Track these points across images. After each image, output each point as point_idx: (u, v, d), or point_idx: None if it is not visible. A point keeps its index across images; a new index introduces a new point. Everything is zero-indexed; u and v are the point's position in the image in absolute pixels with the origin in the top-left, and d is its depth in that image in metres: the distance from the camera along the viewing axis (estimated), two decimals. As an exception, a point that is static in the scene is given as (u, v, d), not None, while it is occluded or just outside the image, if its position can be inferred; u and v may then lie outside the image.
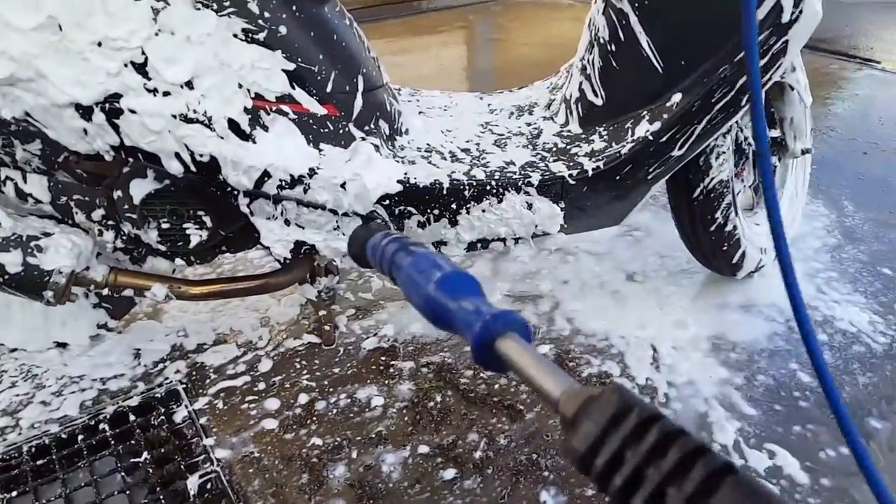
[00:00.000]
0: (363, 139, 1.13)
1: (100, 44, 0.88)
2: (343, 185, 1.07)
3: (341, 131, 1.10)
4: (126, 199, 1.08)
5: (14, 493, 1.08)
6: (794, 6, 1.09)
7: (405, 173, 1.13)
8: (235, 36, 0.97)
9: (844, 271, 1.60)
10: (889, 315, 1.45)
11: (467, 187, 1.15)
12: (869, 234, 1.75)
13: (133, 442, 1.17)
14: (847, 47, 3.18)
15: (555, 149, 1.27)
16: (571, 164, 1.21)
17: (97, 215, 1.12)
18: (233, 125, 0.98)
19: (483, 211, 1.17)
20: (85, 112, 0.91)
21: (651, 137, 1.18)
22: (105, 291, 1.17)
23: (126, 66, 0.90)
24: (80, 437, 1.18)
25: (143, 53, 0.90)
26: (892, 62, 2.99)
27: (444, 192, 1.14)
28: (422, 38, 3.59)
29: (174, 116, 0.93)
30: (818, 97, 2.59)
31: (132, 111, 0.92)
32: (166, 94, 0.93)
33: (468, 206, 1.15)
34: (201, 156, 0.97)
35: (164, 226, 1.11)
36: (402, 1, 4.06)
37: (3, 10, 0.84)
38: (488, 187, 1.16)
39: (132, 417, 1.22)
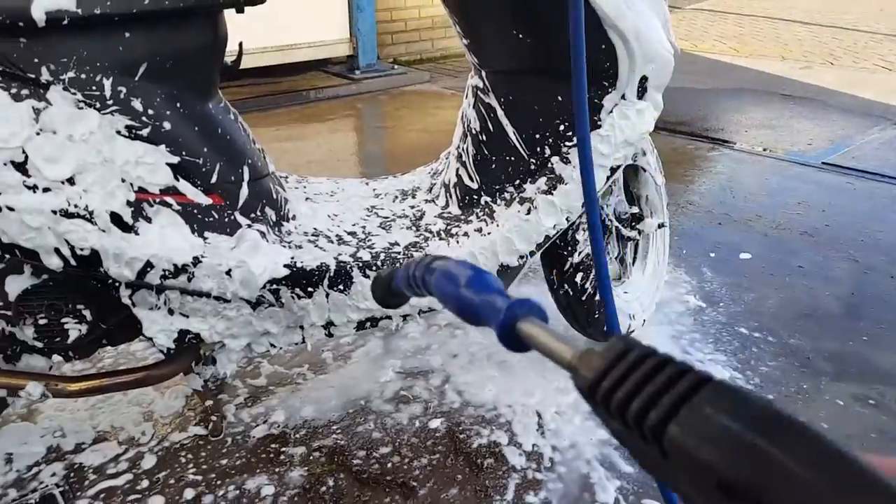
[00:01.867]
0: (249, 226, 1.17)
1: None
2: (228, 272, 1.09)
3: (227, 219, 1.14)
4: (0, 297, 1.05)
5: None
6: None
7: (292, 257, 1.18)
8: (119, 133, 1.00)
9: (706, 332, 1.77)
10: (747, 371, 1.61)
11: (353, 269, 1.21)
12: (726, 296, 1.95)
13: (-3, 557, 1.09)
14: (701, 129, 3.59)
15: (436, 229, 1.36)
16: (452, 242, 1.30)
17: (-35, 313, 1.08)
18: (115, 218, 1.00)
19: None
20: (-43, 212, 0.90)
21: (522, 218, 1.29)
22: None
23: (5, 164, 0.91)
24: (-66, 558, 1.08)
25: (24, 153, 0.92)
26: (740, 141, 3.40)
27: (332, 274, 1.19)
28: (311, 126, 3.71)
29: (54, 212, 0.94)
30: (678, 174, 2.90)
31: (10, 208, 0.92)
32: (46, 190, 0.94)
33: (355, 286, 1.21)
34: (82, 250, 0.97)
35: (42, 322, 1.08)
36: (292, 91, 4.18)
37: None
38: (374, 268, 1.23)
39: (-2, 529, 1.14)
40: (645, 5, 1.24)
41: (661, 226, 1.66)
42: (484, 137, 1.36)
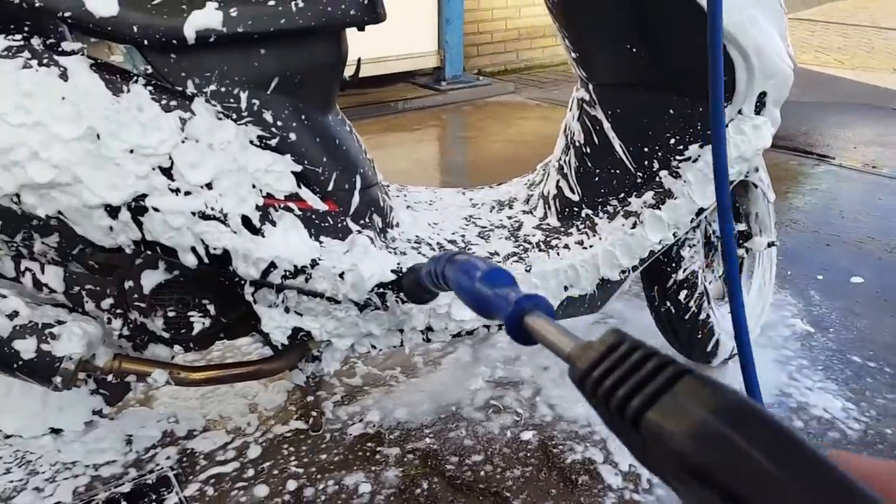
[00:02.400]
0: (359, 232, 1.21)
1: (132, 151, 0.97)
2: (341, 275, 1.14)
3: (340, 225, 1.19)
4: (136, 289, 1.14)
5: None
6: None
7: (398, 263, 1.21)
8: (252, 142, 1.07)
9: (815, 359, 1.68)
10: (862, 402, 1.52)
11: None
12: (836, 322, 1.84)
13: (122, 530, 1.17)
14: (805, 144, 3.42)
15: (535, 240, 1.37)
16: (552, 254, 1.30)
17: (106, 304, 1.18)
18: (245, 221, 1.06)
19: None
20: (113, 211, 0.99)
21: (626, 232, 1.28)
22: (109, 377, 1.20)
23: (154, 169, 0.99)
24: (68, 526, 1.18)
25: (170, 159, 1.00)
26: (847, 158, 3.21)
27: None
28: (398, 136, 3.80)
29: (193, 214, 1.01)
30: (780, 191, 2.77)
31: (156, 209, 1.00)
32: (187, 193, 1.02)
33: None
34: (215, 249, 1.04)
35: (170, 314, 1.17)
36: (380, 102, 4.29)
37: (50, 123, 0.93)
38: None
39: (122, 504, 1.23)
40: (765, 18, 1.21)
41: (770, 244, 1.60)
42: (588, 150, 1.36)
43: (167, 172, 1.00)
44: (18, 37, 0.97)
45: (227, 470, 1.32)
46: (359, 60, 1.29)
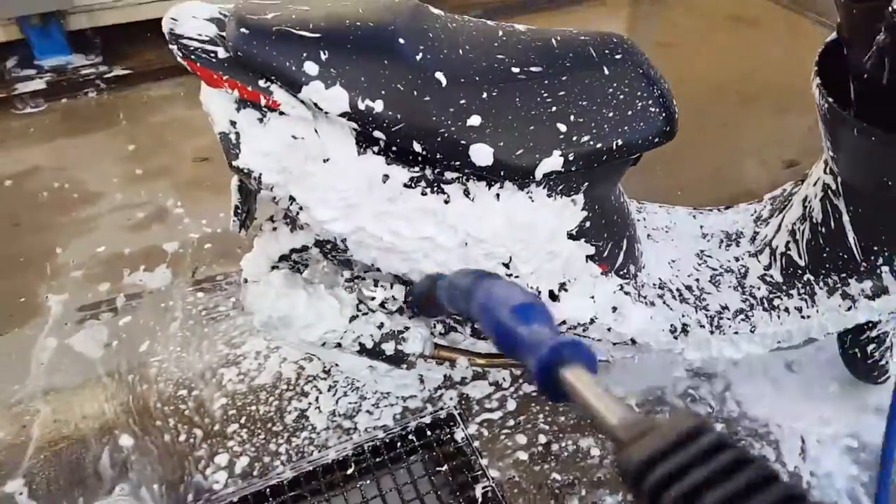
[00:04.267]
0: (621, 287, 1.58)
1: (487, 254, 1.36)
2: (609, 329, 1.54)
3: (608, 283, 1.56)
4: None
5: (365, 481, 1.73)
6: None
7: (651, 317, 1.59)
8: (567, 235, 1.43)
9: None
10: None
11: (693, 329, 1.60)
12: None
13: (434, 453, 1.78)
14: None
15: (760, 295, 1.67)
16: (773, 316, 1.62)
17: (433, 315, 1.66)
18: (550, 293, 1.47)
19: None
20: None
21: (841, 313, 1.56)
22: (431, 362, 1.74)
23: (498, 264, 1.39)
24: (398, 444, 1.81)
25: (510, 258, 1.39)
26: None
27: (675, 335, 1.59)
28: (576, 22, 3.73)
29: None
30: None
31: None
32: (516, 277, 1.42)
33: (688, 349, 1.60)
34: None
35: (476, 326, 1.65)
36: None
37: (435, 235, 1.32)
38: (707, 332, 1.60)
39: (428, 433, 1.83)
40: None
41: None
42: (823, 230, 1.58)
43: (506, 265, 1.40)
44: (416, 168, 1.34)
45: (495, 417, 1.87)
46: (641, 149, 1.54)
